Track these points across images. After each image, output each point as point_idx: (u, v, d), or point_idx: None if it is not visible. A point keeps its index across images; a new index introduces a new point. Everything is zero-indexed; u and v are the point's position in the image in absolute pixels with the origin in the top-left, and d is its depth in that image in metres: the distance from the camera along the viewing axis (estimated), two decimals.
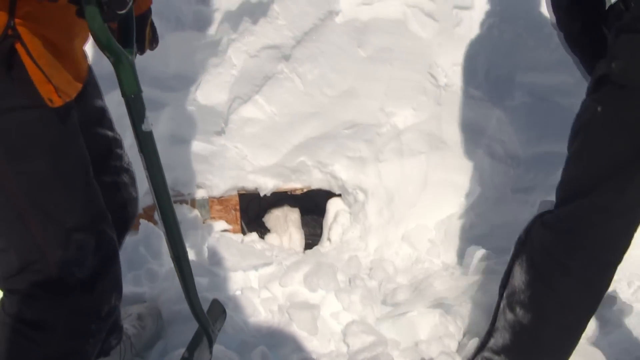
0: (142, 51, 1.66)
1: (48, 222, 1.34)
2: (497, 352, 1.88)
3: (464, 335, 2.25)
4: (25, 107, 1.27)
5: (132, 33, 1.42)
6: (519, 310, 1.79)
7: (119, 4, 1.25)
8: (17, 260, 1.35)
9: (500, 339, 1.86)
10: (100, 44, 1.28)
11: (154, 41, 1.71)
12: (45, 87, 1.28)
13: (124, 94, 1.37)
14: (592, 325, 2.30)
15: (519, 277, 1.79)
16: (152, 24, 1.69)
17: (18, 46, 1.24)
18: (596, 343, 2.19)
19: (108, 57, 1.32)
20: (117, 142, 1.73)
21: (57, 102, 1.30)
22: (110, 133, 1.70)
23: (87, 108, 1.56)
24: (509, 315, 1.82)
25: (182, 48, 2.72)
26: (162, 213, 1.50)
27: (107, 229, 1.47)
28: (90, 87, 1.60)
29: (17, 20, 1.22)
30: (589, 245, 1.66)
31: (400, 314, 2.29)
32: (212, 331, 1.80)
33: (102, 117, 1.67)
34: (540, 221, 1.77)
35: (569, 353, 1.83)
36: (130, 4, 1.27)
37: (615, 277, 2.88)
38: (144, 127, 1.39)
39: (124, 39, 1.40)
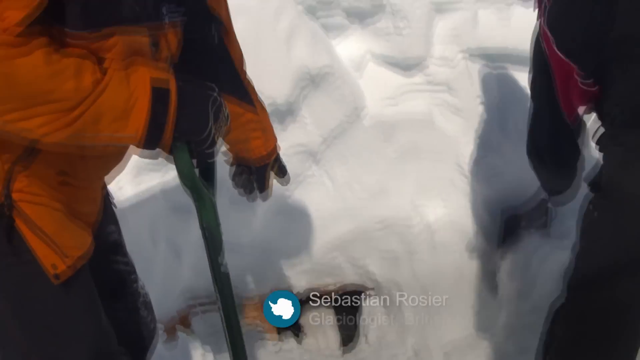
0: (262, 191, 1.72)
1: None
2: None
3: None
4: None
5: (214, 171, 1.46)
6: None
7: (209, 156, 1.32)
8: None
9: None
10: (186, 185, 1.31)
11: (282, 174, 1.78)
12: (47, 253, 1.23)
13: (201, 223, 1.40)
14: None
15: None
16: (279, 161, 1.76)
17: (18, 222, 1.21)
18: None
19: (190, 195, 1.35)
20: (130, 267, 1.72)
21: (62, 268, 1.26)
22: (124, 259, 1.69)
23: (101, 237, 1.52)
24: None
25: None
26: (230, 334, 1.51)
27: None
28: (106, 214, 1.56)
29: (14, 195, 1.20)
30: (604, 334, 1.74)
31: None
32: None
33: (116, 244, 1.65)
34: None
35: None
36: (217, 154, 1.34)
37: None
38: (220, 259, 1.42)
39: (205, 175, 1.43)
